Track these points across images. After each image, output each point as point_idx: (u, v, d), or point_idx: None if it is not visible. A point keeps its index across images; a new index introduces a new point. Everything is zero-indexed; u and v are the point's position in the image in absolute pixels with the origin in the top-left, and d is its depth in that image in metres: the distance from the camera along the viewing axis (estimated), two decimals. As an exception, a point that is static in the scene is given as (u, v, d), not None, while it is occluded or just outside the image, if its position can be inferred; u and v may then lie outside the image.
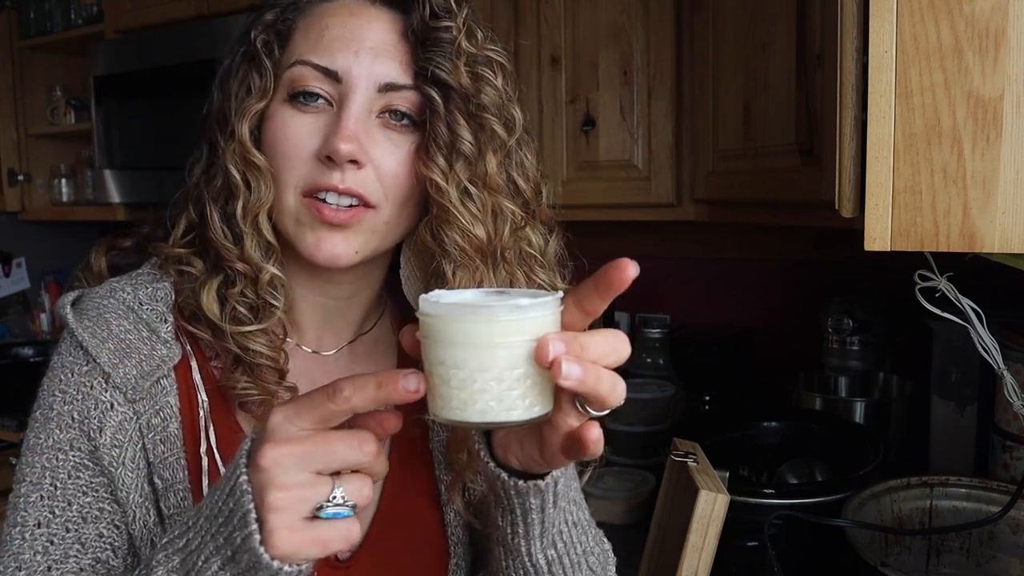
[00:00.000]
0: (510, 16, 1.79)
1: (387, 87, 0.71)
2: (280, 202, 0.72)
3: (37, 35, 2.75)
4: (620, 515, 1.59)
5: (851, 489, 1.22)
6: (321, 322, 0.80)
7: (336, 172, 0.69)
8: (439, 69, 0.70)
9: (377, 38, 0.71)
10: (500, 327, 0.50)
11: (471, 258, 0.73)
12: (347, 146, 0.68)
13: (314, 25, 0.72)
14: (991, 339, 0.91)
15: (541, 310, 0.51)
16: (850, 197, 0.76)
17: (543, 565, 0.67)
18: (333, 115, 0.70)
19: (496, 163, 0.73)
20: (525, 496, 0.61)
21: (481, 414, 0.51)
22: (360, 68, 0.70)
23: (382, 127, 0.72)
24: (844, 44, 0.74)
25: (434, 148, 0.71)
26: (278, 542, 0.52)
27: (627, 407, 1.80)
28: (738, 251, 1.98)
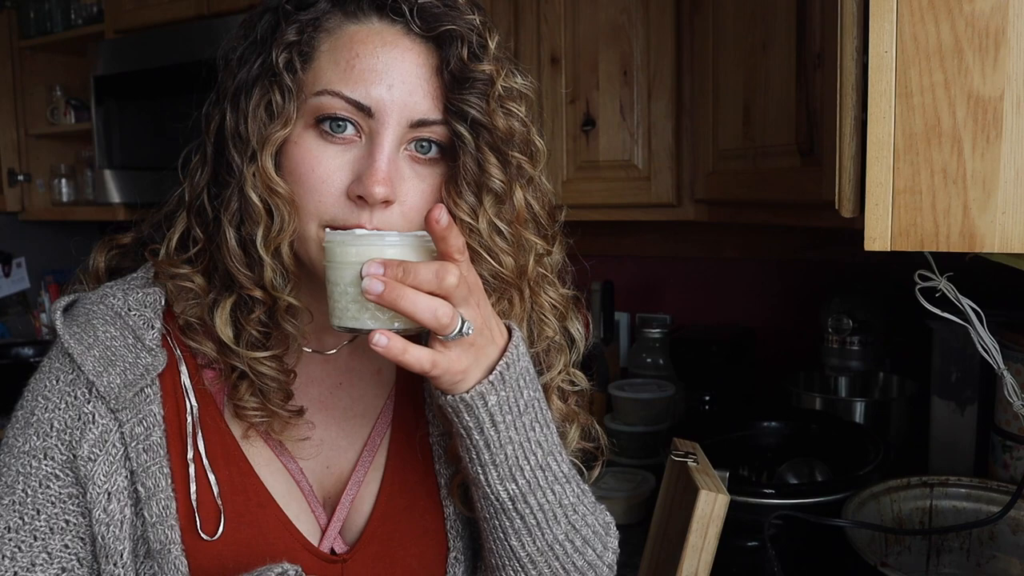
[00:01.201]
0: (510, 16, 1.79)
1: (419, 123, 0.70)
2: (303, 231, 0.70)
3: (37, 35, 2.75)
4: (620, 515, 1.59)
5: (851, 489, 1.22)
6: (322, 324, 0.79)
7: (366, 211, 0.68)
8: (473, 109, 0.69)
9: (411, 72, 0.69)
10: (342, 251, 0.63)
11: (503, 289, 0.74)
12: (382, 189, 0.67)
13: (343, 51, 0.69)
14: (991, 339, 0.91)
15: (379, 240, 0.64)
16: (850, 197, 0.76)
17: (506, 499, 0.70)
18: (362, 148, 0.69)
19: (522, 196, 0.74)
20: (460, 414, 0.67)
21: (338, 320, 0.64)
22: (393, 103, 0.68)
23: (409, 160, 0.71)
24: (844, 44, 0.74)
25: (463, 185, 0.71)
26: None
27: (627, 407, 1.82)
28: (738, 251, 1.98)
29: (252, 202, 0.69)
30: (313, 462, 0.79)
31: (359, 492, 0.80)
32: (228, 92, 0.73)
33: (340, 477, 0.80)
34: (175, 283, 0.75)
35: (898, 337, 1.68)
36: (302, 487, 0.78)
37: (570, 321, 0.83)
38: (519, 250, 0.75)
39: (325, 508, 0.79)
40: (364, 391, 0.83)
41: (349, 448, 0.81)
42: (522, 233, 0.75)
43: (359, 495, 0.80)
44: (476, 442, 0.68)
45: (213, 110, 0.75)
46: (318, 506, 0.79)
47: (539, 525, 0.73)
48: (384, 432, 0.83)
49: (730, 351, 1.86)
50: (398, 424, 0.83)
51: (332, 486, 0.80)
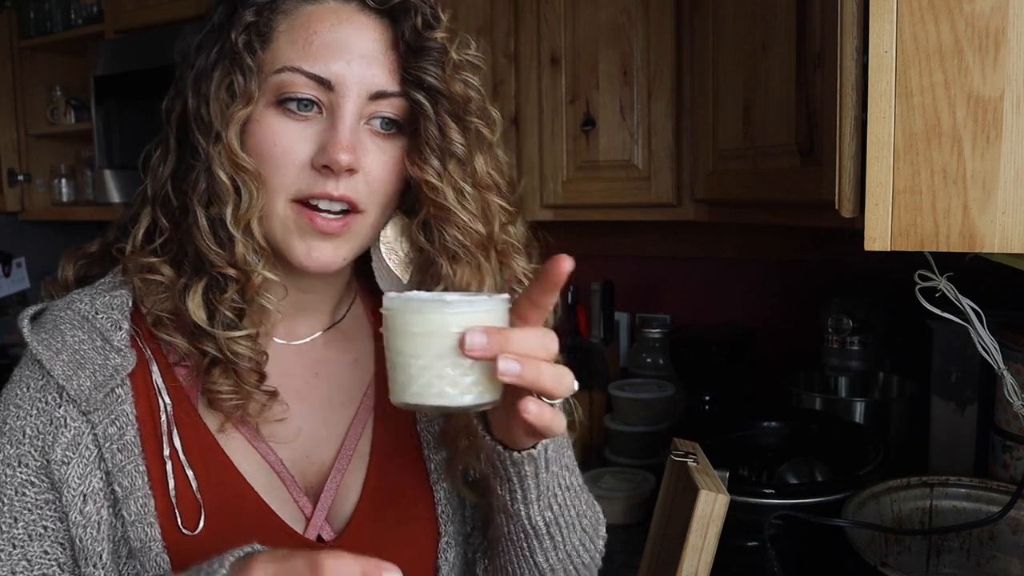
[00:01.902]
0: (510, 16, 1.79)
1: (378, 95, 0.72)
2: (269, 208, 0.72)
3: (37, 35, 2.75)
4: (620, 515, 1.59)
5: (851, 489, 1.22)
6: (293, 313, 0.80)
7: (331, 180, 0.70)
8: (430, 77, 0.72)
9: (368, 46, 0.72)
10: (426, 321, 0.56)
11: (472, 254, 0.76)
12: (346, 156, 0.69)
13: (300, 29, 0.71)
14: (991, 339, 0.91)
15: (469, 307, 0.57)
16: (850, 197, 0.76)
17: (541, 526, 0.74)
18: (324, 123, 0.71)
19: (483, 162, 0.77)
20: (520, 465, 0.68)
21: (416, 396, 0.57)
22: (352, 76, 0.71)
23: (370, 134, 0.73)
24: (844, 44, 0.74)
25: (427, 151, 0.73)
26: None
27: (627, 407, 1.82)
28: (738, 251, 1.98)
29: (220, 180, 0.70)
30: (293, 453, 0.79)
31: (343, 480, 0.80)
32: (188, 81, 0.74)
33: (322, 466, 0.80)
34: (143, 278, 0.75)
35: (898, 337, 1.68)
36: (283, 478, 0.77)
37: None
38: (484, 216, 0.77)
39: (309, 497, 0.79)
40: (342, 381, 0.83)
41: (330, 437, 0.81)
42: (486, 197, 0.77)
43: (344, 483, 0.80)
44: (528, 485, 0.70)
45: (173, 103, 0.76)
46: (301, 496, 0.78)
47: (563, 539, 0.76)
48: (366, 420, 0.83)
49: (730, 351, 1.86)
50: (381, 412, 0.83)
51: (315, 476, 0.80)
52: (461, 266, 0.76)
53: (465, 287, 0.76)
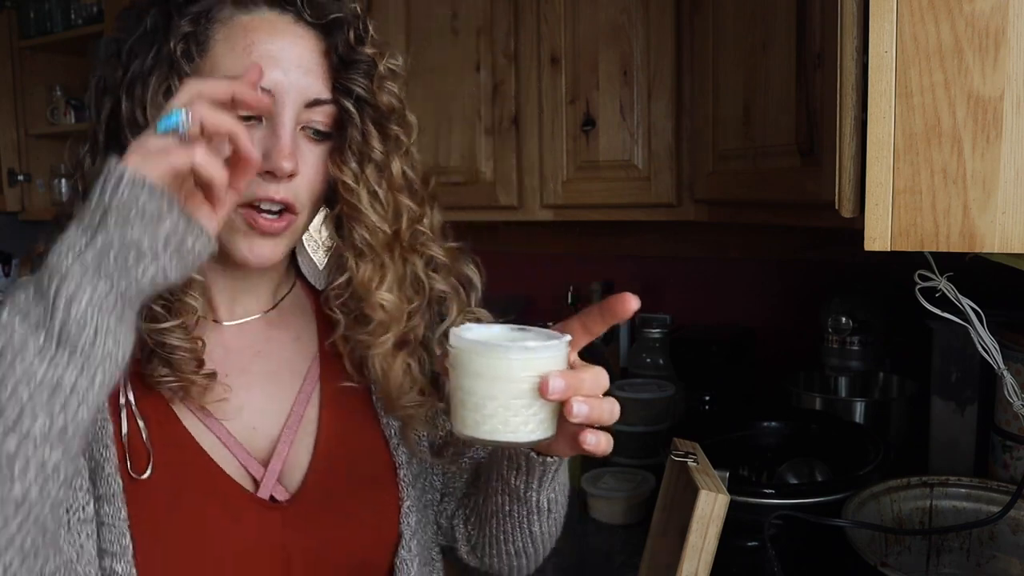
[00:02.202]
0: (510, 16, 1.79)
1: (313, 102, 0.77)
2: None
3: (37, 35, 2.75)
4: (620, 515, 1.59)
5: (851, 489, 1.22)
6: (233, 298, 0.85)
7: (273, 184, 0.75)
8: (359, 88, 0.78)
9: (304, 57, 0.76)
10: (505, 364, 0.59)
11: (377, 253, 0.81)
12: (288, 164, 0.74)
13: (239, 40, 0.75)
14: (991, 339, 0.91)
15: (546, 352, 0.60)
16: (850, 197, 0.76)
17: (545, 505, 0.83)
18: (265, 129, 0.75)
19: (399, 166, 0.82)
20: (548, 466, 0.77)
21: (489, 434, 0.60)
22: (290, 84, 0.75)
23: (305, 140, 0.78)
24: (844, 44, 0.74)
25: (348, 154, 0.79)
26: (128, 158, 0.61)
27: (627, 407, 1.81)
28: (738, 251, 1.98)
29: None
30: (240, 426, 0.82)
31: (292, 446, 0.83)
32: (120, 82, 0.76)
33: (270, 438, 0.83)
34: None
35: (898, 337, 1.68)
36: (232, 448, 0.80)
37: (463, 267, 0.89)
38: (396, 215, 0.82)
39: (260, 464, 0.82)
40: (284, 357, 0.87)
41: (276, 411, 0.84)
42: (398, 199, 0.82)
43: (293, 449, 0.83)
44: (547, 478, 0.79)
45: (102, 99, 0.77)
46: (251, 461, 0.81)
47: (559, 512, 0.87)
48: (311, 393, 0.87)
49: (730, 351, 1.86)
50: (328, 387, 0.87)
51: (263, 446, 0.83)
52: (364, 262, 0.81)
53: (367, 283, 0.81)
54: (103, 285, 0.59)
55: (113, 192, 0.59)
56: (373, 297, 0.81)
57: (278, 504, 0.80)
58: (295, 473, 0.83)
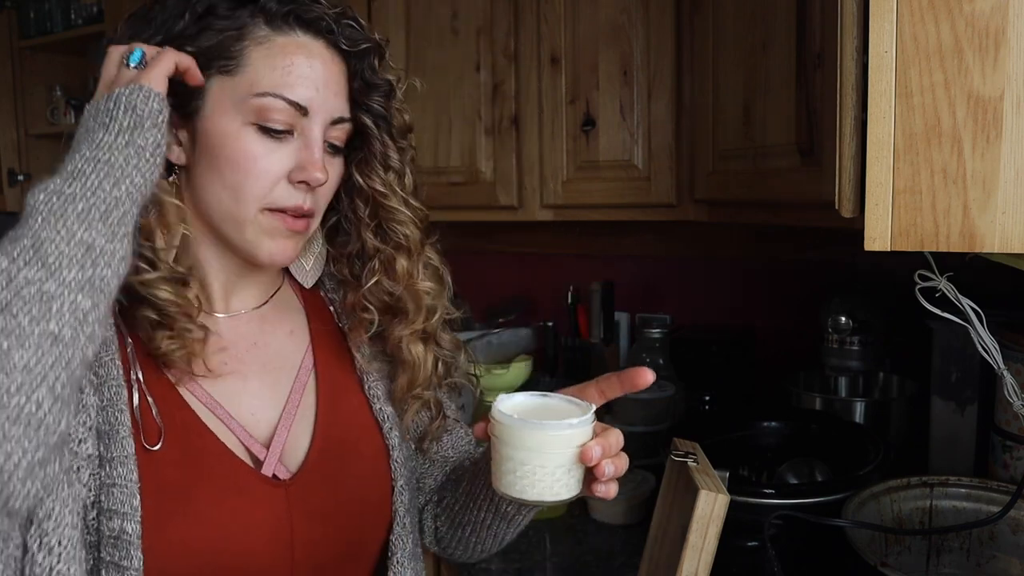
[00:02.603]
0: (510, 16, 1.79)
1: (338, 120, 0.86)
2: (239, 214, 0.82)
3: (37, 35, 2.75)
4: (620, 515, 1.59)
5: (851, 489, 1.22)
6: (227, 292, 0.90)
7: (302, 193, 0.83)
8: (380, 107, 0.88)
9: (334, 79, 0.85)
10: (552, 439, 0.70)
11: (416, 246, 0.92)
12: (323, 175, 0.83)
13: (278, 59, 0.82)
14: (991, 339, 0.91)
15: (584, 426, 0.72)
16: (850, 197, 0.76)
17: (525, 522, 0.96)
18: (297, 143, 0.83)
19: (410, 175, 0.93)
20: None
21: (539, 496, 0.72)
22: (322, 103, 0.83)
23: (326, 153, 0.86)
24: (844, 44, 0.74)
25: (374, 163, 0.90)
26: None
27: (627, 407, 1.82)
28: (738, 251, 1.98)
29: None
30: (240, 411, 0.86)
31: (292, 429, 0.88)
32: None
33: (269, 422, 0.88)
34: None
35: (898, 337, 1.68)
36: (234, 430, 0.84)
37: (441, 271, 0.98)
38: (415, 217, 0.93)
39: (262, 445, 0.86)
40: (279, 348, 0.93)
41: (274, 398, 0.90)
42: (412, 203, 0.93)
43: (293, 431, 0.88)
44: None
45: None
46: (254, 443, 0.85)
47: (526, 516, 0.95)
48: (307, 382, 0.92)
49: (730, 351, 1.86)
50: (324, 376, 0.93)
51: (264, 430, 0.87)
52: (403, 257, 0.91)
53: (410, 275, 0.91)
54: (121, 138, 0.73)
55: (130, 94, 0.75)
56: (417, 286, 0.92)
57: (281, 482, 0.84)
58: (295, 454, 0.88)
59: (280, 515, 0.83)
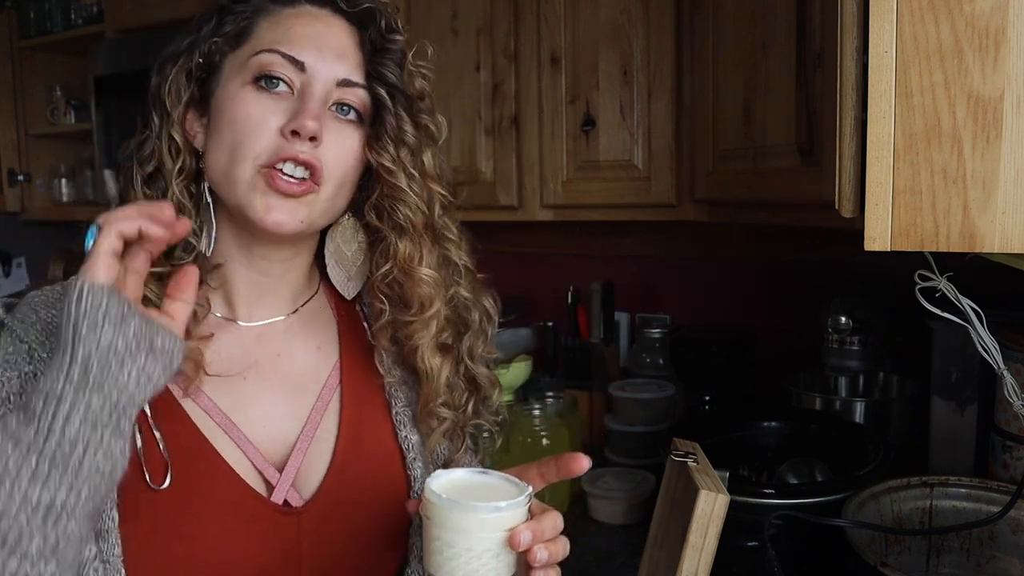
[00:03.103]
0: (510, 16, 1.79)
1: (344, 82, 0.81)
2: (235, 172, 0.78)
3: (37, 35, 2.75)
4: (620, 515, 1.59)
5: (851, 489, 1.22)
6: (253, 297, 0.86)
7: (297, 144, 0.77)
8: (390, 73, 0.82)
9: (338, 41, 0.82)
10: (480, 521, 0.67)
11: (418, 232, 0.85)
12: (312, 123, 0.77)
13: (279, 24, 0.81)
14: (991, 339, 0.91)
15: (515, 508, 0.68)
16: (850, 197, 0.76)
17: None
18: (294, 100, 0.79)
19: (430, 156, 0.87)
20: None
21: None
22: (323, 63, 0.80)
23: (332, 118, 0.81)
24: (844, 44, 0.74)
25: (385, 138, 0.83)
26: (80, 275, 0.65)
27: (627, 407, 1.82)
28: (738, 251, 1.98)
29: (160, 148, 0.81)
30: (256, 429, 0.82)
31: (309, 452, 0.84)
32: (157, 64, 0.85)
33: (286, 443, 0.84)
34: None
35: (898, 337, 1.68)
36: (247, 451, 0.81)
37: (483, 297, 0.93)
38: (428, 201, 0.86)
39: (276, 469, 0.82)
40: (305, 363, 0.88)
41: (293, 417, 0.85)
42: (430, 186, 0.87)
43: (309, 455, 0.84)
44: None
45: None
46: (267, 466, 0.81)
47: None
48: (329, 401, 0.87)
49: (730, 351, 1.86)
50: (349, 396, 0.88)
51: (279, 451, 0.83)
52: (405, 240, 0.84)
53: (409, 259, 0.84)
54: (96, 399, 0.62)
55: (77, 303, 0.63)
56: (416, 273, 0.85)
57: (292, 509, 0.81)
58: (310, 480, 0.83)
59: (289, 545, 0.80)
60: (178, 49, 0.84)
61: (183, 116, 0.83)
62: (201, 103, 0.83)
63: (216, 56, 0.82)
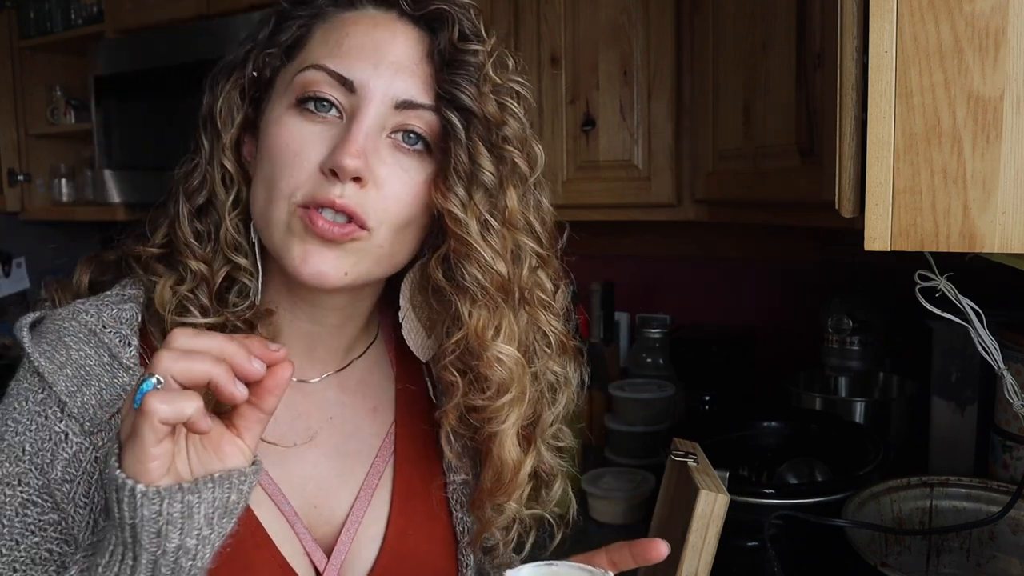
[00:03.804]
0: (510, 16, 1.79)
1: (404, 104, 0.67)
2: (271, 212, 0.67)
3: (37, 35, 2.75)
4: (620, 515, 1.59)
5: (851, 489, 1.22)
6: (305, 350, 0.75)
7: (337, 187, 0.64)
8: (463, 93, 0.67)
9: (400, 53, 0.67)
10: None
11: (492, 297, 0.69)
12: (353, 162, 0.63)
13: (334, 32, 0.69)
14: (991, 339, 0.90)
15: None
16: (850, 197, 0.75)
17: None
18: (342, 127, 0.66)
19: (517, 198, 0.71)
20: None
21: None
22: (378, 81, 0.66)
23: (392, 148, 0.68)
24: (844, 44, 0.74)
25: (453, 177, 0.67)
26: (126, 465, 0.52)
27: (627, 407, 1.82)
28: (738, 251, 1.98)
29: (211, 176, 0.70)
30: (303, 501, 0.74)
31: (357, 535, 0.76)
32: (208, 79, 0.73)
33: (331, 518, 0.76)
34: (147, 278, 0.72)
35: (898, 337, 1.67)
36: (295, 528, 0.73)
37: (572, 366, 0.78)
38: (512, 256, 0.71)
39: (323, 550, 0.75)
40: (358, 427, 0.79)
41: (343, 488, 0.77)
42: (516, 238, 0.71)
43: (358, 538, 0.76)
44: None
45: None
46: (315, 548, 0.74)
47: None
48: (382, 472, 0.78)
49: (730, 351, 1.86)
50: (403, 467, 0.79)
51: (325, 527, 0.75)
52: (476, 307, 0.69)
53: (482, 333, 0.70)
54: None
55: (131, 511, 0.52)
56: (490, 349, 0.70)
57: None
58: (357, 566, 0.75)
59: None
60: (233, 61, 0.72)
61: (237, 140, 0.72)
62: (256, 125, 0.71)
63: (268, 71, 0.71)
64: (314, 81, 0.67)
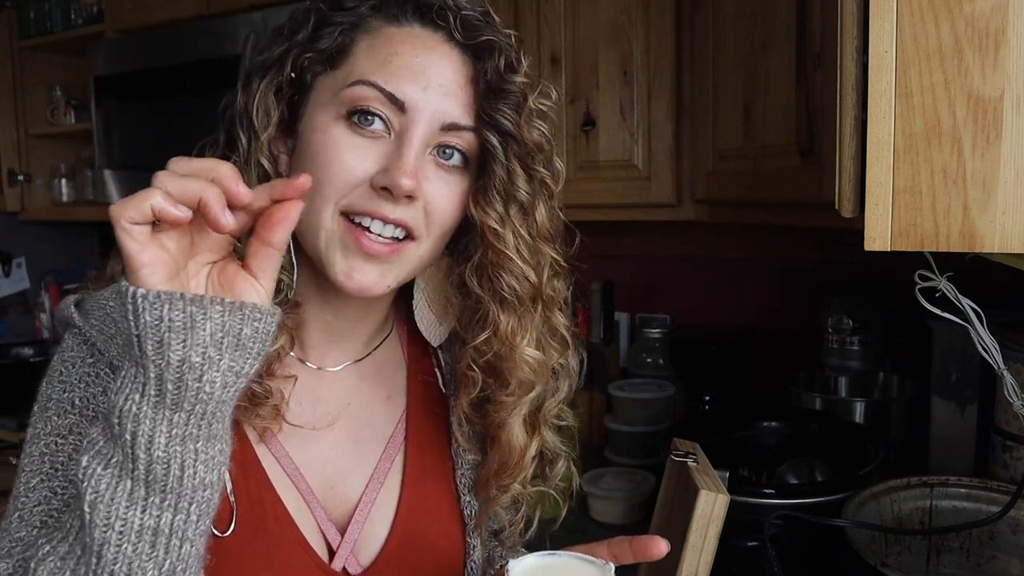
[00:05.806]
0: (510, 16, 1.79)
1: (450, 127, 0.71)
2: (315, 218, 0.69)
3: (37, 35, 2.75)
4: (620, 515, 1.59)
5: (851, 489, 1.22)
6: (327, 340, 0.80)
7: (388, 204, 0.68)
8: (505, 119, 0.72)
9: (447, 77, 0.71)
10: None
11: (523, 302, 0.75)
12: (408, 182, 0.67)
13: (381, 48, 0.71)
14: (991, 339, 0.90)
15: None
16: (850, 197, 0.75)
17: None
18: (391, 144, 0.70)
19: (544, 212, 0.77)
20: None
21: None
22: (427, 103, 0.70)
23: (434, 164, 0.72)
24: (844, 44, 0.74)
25: (492, 193, 0.73)
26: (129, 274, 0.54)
27: (627, 407, 1.82)
28: (738, 251, 1.98)
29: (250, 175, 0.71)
30: (320, 481, 0.78)
31: (370, 514, 0.79)
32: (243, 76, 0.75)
33: (346, 499, 0.79)
34: None
35: (898, 337, 1.68)
36: (311, 506, 0.77)
37: (572, 354, 0.83)
38: (538, 265, 0.76)
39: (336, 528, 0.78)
40: (373, 414, 0.82)
41: (357, 470, 0.80)
42: (541, 248, 0.77)
43: (371, 517, 0.79)
44: None
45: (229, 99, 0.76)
46: (329, 526, 0.77)
47: None
48: (394, 457, 0.82)
49: (730, 351, 1.86)
50: (414, 454, 0.83)
51: (340, 507, 0.79)
52: (508, 312, 0.75)
53: (511, 336, 0.75)
54: (178, 416, 0.55)
55: (135, 317, 0.53)
56: (518, 352, 0.75)
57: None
58: (370, 544, 0.79)
59: None
60: (268, 60, 0.74)
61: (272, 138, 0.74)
62: (289, 124, 0.74)
63: (308, 75, 0.73)
64: (364, 97, 0.69)
